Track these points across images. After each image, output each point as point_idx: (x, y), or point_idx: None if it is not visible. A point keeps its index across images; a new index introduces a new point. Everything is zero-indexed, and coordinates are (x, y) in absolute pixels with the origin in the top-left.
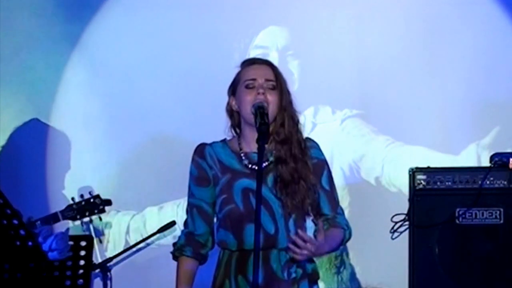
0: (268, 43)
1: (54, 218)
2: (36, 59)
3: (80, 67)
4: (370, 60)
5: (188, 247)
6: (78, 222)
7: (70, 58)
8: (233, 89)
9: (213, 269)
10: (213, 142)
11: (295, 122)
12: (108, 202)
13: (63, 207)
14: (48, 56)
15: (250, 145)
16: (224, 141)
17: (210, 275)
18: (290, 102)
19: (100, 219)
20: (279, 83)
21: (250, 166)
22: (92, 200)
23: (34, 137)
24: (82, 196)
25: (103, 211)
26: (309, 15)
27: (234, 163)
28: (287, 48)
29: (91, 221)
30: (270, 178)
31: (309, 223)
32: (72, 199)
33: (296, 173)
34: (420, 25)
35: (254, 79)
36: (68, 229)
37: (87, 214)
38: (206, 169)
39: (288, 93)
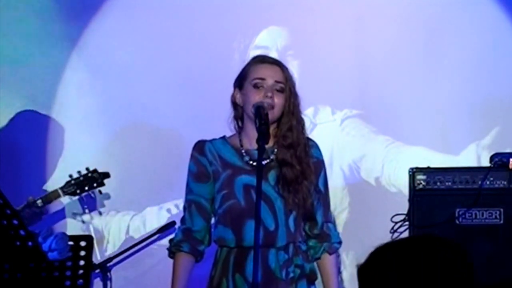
0: (268, 43)
1: (54, 195)
2: (36, 59)
3: (80, 66)
4: (370, 60)
5: (186, 243)
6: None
7: (70, 57)
8: (240, 82)
9: (209, 268)
10: (213, 139)
11: (302, 126)
12: (106, 175)
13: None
14: (48, 56)
15: (251, 142)
16: (223, 138)
17: (206, 274)
18: (298, 105)
19: (100, 192)
20: (287, 86)
21: (251, 162)
22: (90, 174)
23: (34, 135)
24: (79, 172)
25: (102, 184)
26: (309, 15)
27: (235, 159)
28: (287, 48)
29: (90, 195)
30: (271, 175)
31: None
32: (70, 175)
33: (301, 175)
34: (420, 25)
35: (263, 79)
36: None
37: (86, 188)
38: (206, 165)
39: (297, 96)
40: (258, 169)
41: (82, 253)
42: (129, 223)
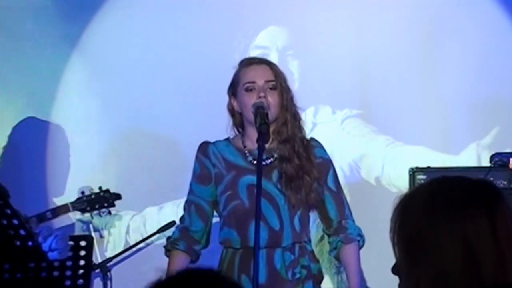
0: (268, 43)
1: (64, 209)
2: (36, 59)
3: (80, 67)
4: (370, 60)
5: (182, 241)
6: (87, 215)
7: (70, 58)
8: (233, 90)
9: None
10: (217, 141)
11: (297, 120)
12: (118, 196)
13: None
14: (48, 56)
15: (254, 143)
16: (227, 139)
17: None
18: (291, 100)
19: (110, 213)
20: (278, 83)
21: (254, 162)
22: (102, 194)
23: (34, 136)
24: (91, 189)
25: (112, 205)
26: (309, 15)
27: (239, 160)
28: (287, 48)
29: (100, 214)
30: (274, 174)
31: (312, 216)
32: (82, 192)
33: (301, 170)
34: (420, 25)
35: (253, 82)
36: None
37: (97, 207)
38: (209, 167)
39: (289, 90)
40: (258, 169)
41: (82, 253)
42: (129, 223)
